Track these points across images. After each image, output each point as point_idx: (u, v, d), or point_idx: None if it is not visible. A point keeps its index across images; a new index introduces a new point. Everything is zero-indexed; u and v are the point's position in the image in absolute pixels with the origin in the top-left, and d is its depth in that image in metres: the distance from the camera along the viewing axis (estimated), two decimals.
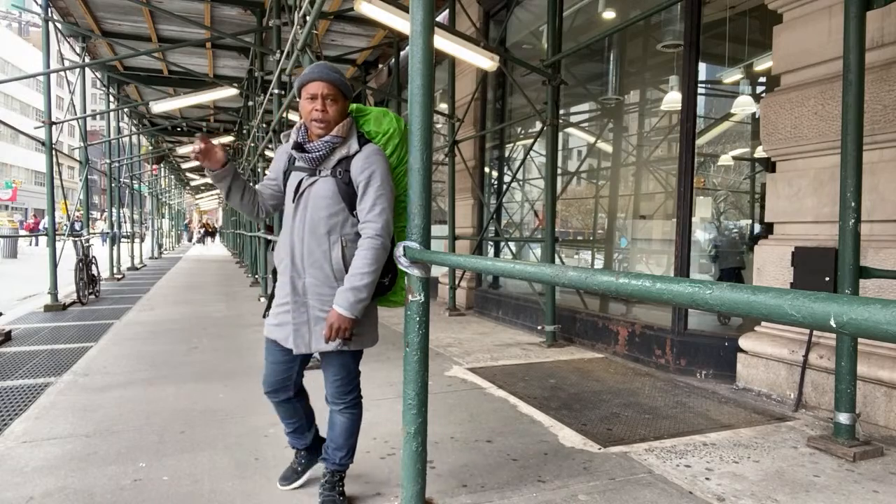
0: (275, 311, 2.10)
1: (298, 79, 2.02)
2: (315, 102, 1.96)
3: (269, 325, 2.12)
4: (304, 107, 2.00)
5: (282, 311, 2.07)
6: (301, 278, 2.04)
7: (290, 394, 2.20)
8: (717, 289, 0.89)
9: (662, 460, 2.69)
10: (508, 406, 3.50)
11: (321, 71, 1.97)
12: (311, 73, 1.98)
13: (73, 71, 10.28)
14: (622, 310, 5.53)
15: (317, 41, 4.79)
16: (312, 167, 2.04)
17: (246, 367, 4.29)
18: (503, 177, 7.97)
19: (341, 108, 2.01)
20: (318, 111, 1.96)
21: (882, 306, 0.65)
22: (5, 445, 2.75)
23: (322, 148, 2.00)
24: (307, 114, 1.99)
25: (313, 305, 2.03)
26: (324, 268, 2.03)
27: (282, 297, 2.08)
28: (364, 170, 2.00)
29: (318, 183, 2.03)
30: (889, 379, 3.10)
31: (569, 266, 1.28)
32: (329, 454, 2.21)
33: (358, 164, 2.01)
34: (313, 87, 1.96)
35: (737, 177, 7.39)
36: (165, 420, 3.12)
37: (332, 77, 1.97)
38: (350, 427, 2.18)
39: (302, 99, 2.01)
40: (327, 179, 2.03)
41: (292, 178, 2.09)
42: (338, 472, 2.21)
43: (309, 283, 2.03)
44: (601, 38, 5.75)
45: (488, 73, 6.98)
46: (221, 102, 13.75)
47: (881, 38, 3.22)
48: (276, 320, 2.09)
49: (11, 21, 50.32)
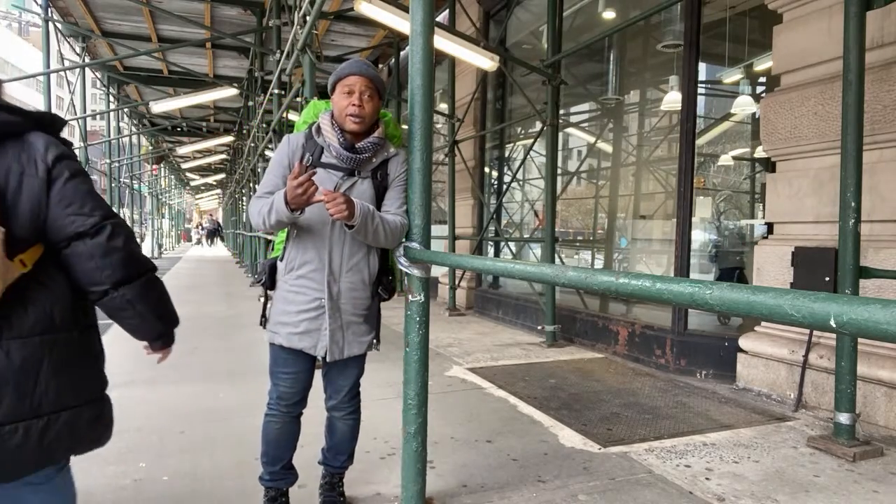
0: (295, 318, 1.94)
1: (334, 73, 1.94)
2: (352, 97, 1.88)
3: (289, 333, 1.94)
4: (338, 101, 1.91)
5: (308, 318, 1.93)
6: (337, 282, 1.95)
7: (303, 408, 2.09)
8: (717, 289, 0.89)
9: (662, 460, 2.68)
10: (508, 406, 3.50)
11: (360, 66, 1.92)
12: (348, 67, 1.92)
13: (73, 71, 10.29)
14: (622, 310, 5.53)
15: (317, 41, 4.79)
16: (353, 168, 1.94)
17: (246, 368, 4.29)
18: (503, 177, 7.97)
19: (376, 105, 1.93)
20: (356, 105, 1.87)
21: (882, 306, 0.65)
22: None
23: (371, 149, 1.93)
24: (342, 108, 1.89)
25: (346, 310, 1.97)
26: (362, 272, 1.98)
27: (306, 302, 1.94)
28: (400, 172, 2.00)
29: (359, 185, 1.95)
30: (889, 379, 3.10)
31: (569, 266, 1.28)
32: (330, 459, 2.18)
33: (395, 167, 2.00)
34: (350, 80, 1.89)
35: (737, 177, 7.39)
36: (166, 420, 3.12)
37: (370, 73, 1.91)
38: (354, 432, 2.16)
39: (336, 93, 1.92)
40: (367, 182, 1.96)
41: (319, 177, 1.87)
42: (338, 473, 2.20)
43: (344, 288, 1.96)
44: (601, 38, 5.75)
45: (488, 73, 6.98)
46: (221, 102, 13.75)
47: (881, 38, 3.22)
48: (299, 328, 1.93)
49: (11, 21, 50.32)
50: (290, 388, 2.00)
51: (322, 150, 1.95)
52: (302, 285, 1.94)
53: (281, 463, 2.08)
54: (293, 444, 2.10)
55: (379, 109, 1.97)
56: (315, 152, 1.96)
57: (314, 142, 1.97)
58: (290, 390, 2.01)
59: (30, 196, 1.13)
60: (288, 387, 2.00)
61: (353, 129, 1.91)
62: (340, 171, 1.94)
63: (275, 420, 2.04)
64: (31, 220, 1.12)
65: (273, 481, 2.09)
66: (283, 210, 1.77)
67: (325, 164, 1.94)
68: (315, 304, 1.93)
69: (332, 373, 2.07)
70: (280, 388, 2.01)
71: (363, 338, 2.02)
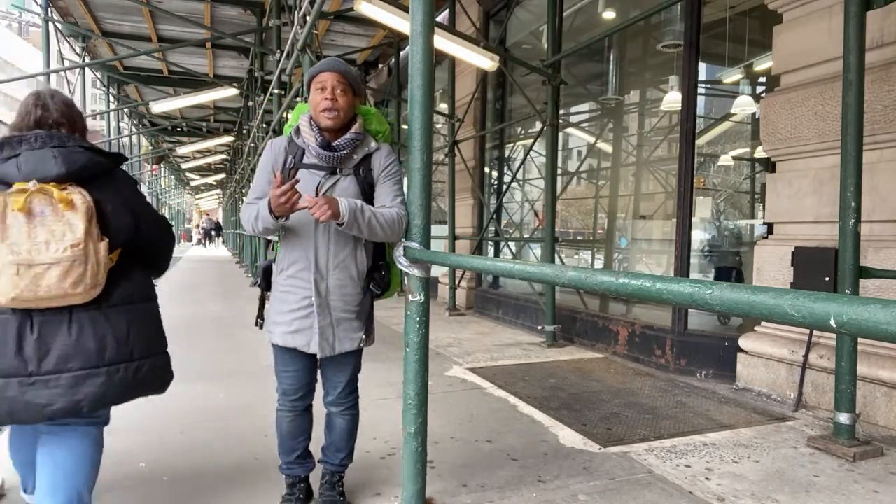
0: (288, 317, 1.99)
1: (307, 73, 1.99)
2: (325, 92, 1.91)
3: (283, 332, 1.99)
4: (312, 99, 1.95)
5: (300, 317, 1.98)
6: (325, 280, 1.97)
7: (311, 400, 2.13)
8: (717, 289, 0.89)
9: (662, 460, 2.69)
10: (508, 406, 3.50)
11: (330, 63, 1.96)
12: (320, 65, 1.96)
13: (73, 71, 10.28)
14: (622, 310, 5.53)
15: (317, 41, 4.80)
16: (334, 165, 1.96)
17: (246, 368, 4.29)
18: (503, 177, 7.97)
19: (351, 100, 1.96)
20: (328, 100, 1.90)
21: (882, 306, 0.65)
22: (5, 445, 2.75)
23: (349, 145, 1.95)
24: (316, 105, 1.93)
25: (336, 306, 1.99)
26: (350, 269, 2.00)
27: (297, 301, 1.98)
28: (386, 165, 2.02)
29: (342, 182, 1.97)
30: (889, 379, 3.10)
31: (569, 266, 1.28)
32: (329, 456, 2.18)
33: (380, 161, 2.02)
34: (322, 77, 1.93)
35: (737, 177, 7.39)
36: (166, 420, 3.11)
37: (341, 68, 1.95)
38: (353, 428, 2.17)
39: (311, 92, 1.96)
40: (350, 178, 1.98)
41: (302, 177, 1.93)
42: (338, 472, 2.20)
43: (333, 285, 1.98)
44: (601, 38, 5.75)
45: (488, 73, 6.98)
46: (221, 102, 13.76)
47: (881, 38, 3.22)
48: (292, 327, 1.98)
49: (11, 21, 50.32)
50: (292, 384, 2.07)
51: (303, 151, 1.99)
52: (292, 285, 2.00)
53: (296, 453, 2.15)
54: (307, 435, 2.17)
55: (354, 105, 1.99)
56: (297, 154, 2.00)
57: (295, 144, 2.01)
58: (293, 386, 2.08)
59: (122, 216, 1.67)
60: (290, 383, 2.07)
61: (329, 125, 1.93)
62: (322, 170, 1.97)
63: (285, 414, 2.11)
64: (123, 233, 1.68)
65: (290, 469, 2.17)
66: (268, 218, 1.85)
67: (307, 164, 1.98)
68: (305, 303, 1.98)
69: (328, 369, 2.09)
70: (284, 385, 2.09)
71: (355, 334, 2.04)
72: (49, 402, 1.56)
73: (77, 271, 1.56)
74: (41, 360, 1.57)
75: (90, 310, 1.63)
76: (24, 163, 1.59)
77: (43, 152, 1.60)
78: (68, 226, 1.56)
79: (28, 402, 1.55)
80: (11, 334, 1.57)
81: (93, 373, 1.62)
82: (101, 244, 1.60)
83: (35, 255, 1.53)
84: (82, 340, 1.61)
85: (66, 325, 1.60)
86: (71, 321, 1.61)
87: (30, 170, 1.58)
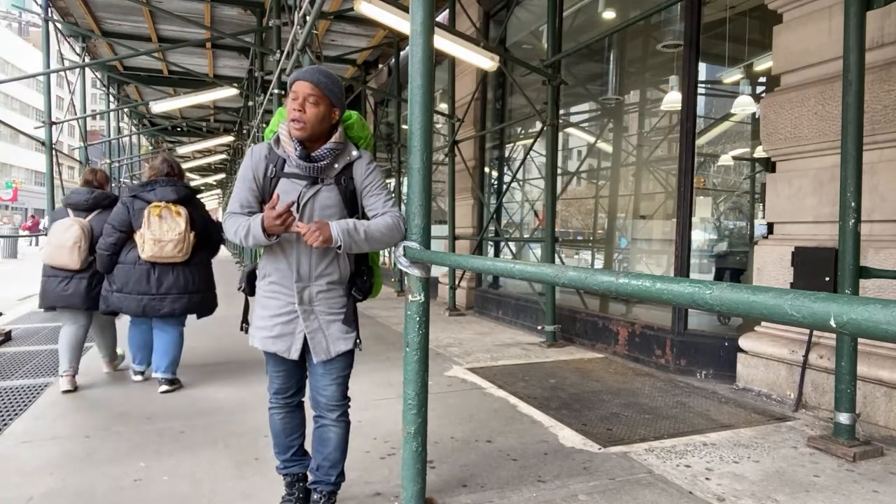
0: (269, 322, 2.00)
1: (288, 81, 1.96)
2: (295, 102, 1.88)
3: (264, 337, 2.00)
4: (287, 107, 1.93)
5: (281, 322, 1.98)
6: (308, 287, 1.97)
7: (302, 396, 2.12)
8: (717, 289, 0.89)
9: (662, 460, 2.69)
10: (508, 406, 3.50)
11: (305, 72, 1.91)
12: (296, 73, 1.92)
13: (73, 71, 10.28)
14: (622, 310, 5.53)
15: (317, 41, 4.79)
16: (315, 175, 1.94)
17: (245, 368, 4.29)
18: (503, 177, 7.97)
19: (322, 112, 1.89)
20: (296, 111, 1.87)
21: (882, 306, 0.65)
22: (5, 445, 2.76)
23: (328, 156, 1.93)
24: (288, 113, 1.91)
25: (321, 311, 1.99)
26: (333, 275, 2.00)
27: (279, 307, 1.99)
28: (369, 173, 2.00)
29: (323, 192, 1.95)
30: (889, 379, 3.10)
31: (569, 266, 1.28)
32: (322, 475, 2.09)
33: (361, 169, 2.00)
34: (296, 86, 1.89)
35: (737, 177, 7.40)
36: (165, 420, 3.12)
37: (314, 78, 1.88)
38: (345, 437, 2.09)
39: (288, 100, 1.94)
40: (331, 188, 1.96)
41: (283, 187, 1.94)
42: (334, 492, 2.12)
43: (316, 292, 1.98)
44: (601, 38, 5.75)
45: (488, 73, 6.98)
46: (221, 102, 13.75)
47: (881, 38, 3.22)
48: (273, 332, 1.99)
49: (11, 21, 50.31)
50: (282, 383, 2.10)
51: (284, 160, 1.97)
52: (274, 290, 2.00)
53: (292, 450, 2.16)
54: (300, 431, 2.17)
55: (326, 116, 1.91)
56: (277, 163, 1.97)
57: (275, 153, 1.98)
58: (284, 385, 2.11)
59: (198, 221, 3.68)
60: (282, 382, 2.10)
61: (297, 136, 1.90)
62: (303, 179, 1.95)
63: (277, 412, 2.12)
64: (199, 228, 3.66)
65: (288, 468, 2.17)
66: (260, 237, 1.85)
67: (289, 174, 1.96)
68: (288, 309, 1.98)
69: (320, 374, 2.03)
70: (276, 385, 2.11)
71: (347, 334, 2.03)
72: (161, 308, 3.56)
73: (180, 246, 3.53)
74: (158, 287, 3.55)
75: (182, 265, 3.61)
76: (158, 192, 3.58)
77: (166, 188, 3.60)
78: (176, 223, 3.53)
79: (153, 307, 3.54)
80: (144, 274, 3.53)
81: (181, 296, 3.60)
82: (190, 234, 3.57)
83: (161, 236, 3.48)
84: (178, 279, 3.59)
85: (171, 271, 3.58)
86: (174, 269, 3.58)
87: (160, 196, 3.56)
